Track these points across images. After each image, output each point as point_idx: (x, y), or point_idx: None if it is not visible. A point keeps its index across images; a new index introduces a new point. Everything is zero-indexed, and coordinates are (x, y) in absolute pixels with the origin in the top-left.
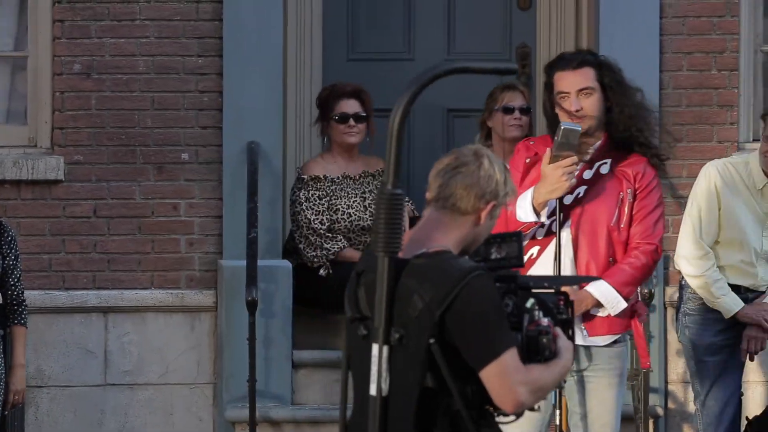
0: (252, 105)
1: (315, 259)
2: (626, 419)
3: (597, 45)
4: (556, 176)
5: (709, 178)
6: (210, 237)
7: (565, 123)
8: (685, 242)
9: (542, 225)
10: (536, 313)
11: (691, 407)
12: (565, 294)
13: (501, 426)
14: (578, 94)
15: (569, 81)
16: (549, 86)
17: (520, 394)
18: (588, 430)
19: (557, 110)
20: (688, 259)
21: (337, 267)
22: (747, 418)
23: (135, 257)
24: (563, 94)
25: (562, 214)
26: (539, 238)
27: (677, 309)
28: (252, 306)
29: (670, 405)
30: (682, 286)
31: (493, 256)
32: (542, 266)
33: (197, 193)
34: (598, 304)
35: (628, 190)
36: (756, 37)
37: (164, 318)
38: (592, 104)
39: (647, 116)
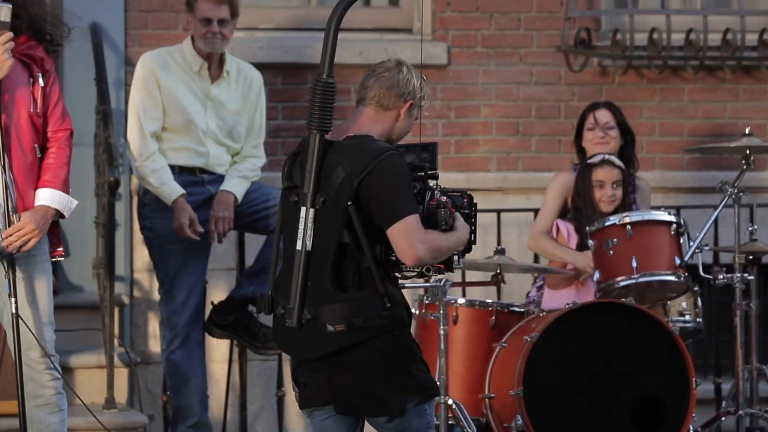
0: None
1: None
2: (92, 308)
3: None
4: None
5: (145, 66)
6: None
7: None
8: (131, 132)
9: None
10: (437, 192)
11: (156, 295)
12: (470, 195)
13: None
14: None
15: None
16: None
17: (419, 251)
18: (30, 318)
19: None
20: (134, 149)
21: None
22: (212, 303)
23: None
24: None
25: None
26: None
27: (139, 199)
28: None
29: (136, 293)
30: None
31: (409, 160)
32: None
33: None
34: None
35: (38, 74)
36: None
37: None
38: None
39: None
